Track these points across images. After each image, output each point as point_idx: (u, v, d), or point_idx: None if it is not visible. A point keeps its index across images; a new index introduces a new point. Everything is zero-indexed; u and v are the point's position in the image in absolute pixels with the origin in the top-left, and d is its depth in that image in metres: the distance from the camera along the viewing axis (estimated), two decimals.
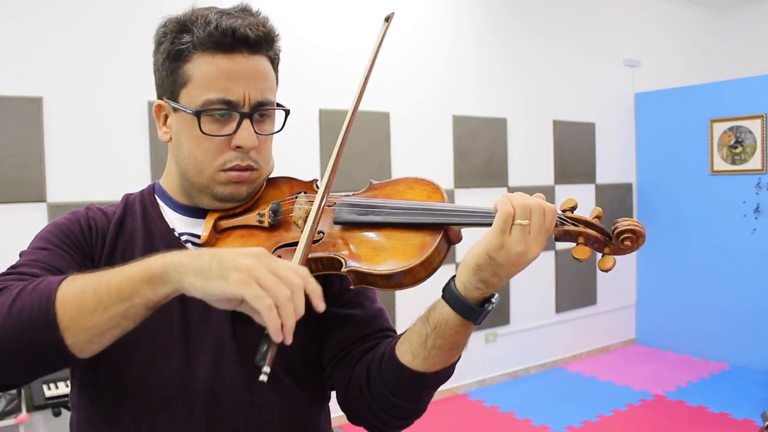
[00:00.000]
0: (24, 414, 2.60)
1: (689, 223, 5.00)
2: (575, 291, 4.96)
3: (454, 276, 0.83)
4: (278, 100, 0.99)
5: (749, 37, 5.95)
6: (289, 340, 0.69)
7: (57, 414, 2.66)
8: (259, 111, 0.93)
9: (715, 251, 4.85)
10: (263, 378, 0.69)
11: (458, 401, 4.15)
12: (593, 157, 5.07)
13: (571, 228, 0.83)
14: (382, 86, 3.85)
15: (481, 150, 4.35)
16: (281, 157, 0.97)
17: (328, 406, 1.06)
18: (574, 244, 0.83)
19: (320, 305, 0.73)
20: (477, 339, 4.38)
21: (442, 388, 0.91)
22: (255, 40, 0.90)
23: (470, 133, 4.30)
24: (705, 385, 4.38)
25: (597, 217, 0.84)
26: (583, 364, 4.90)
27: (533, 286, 4.67)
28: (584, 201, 5.02)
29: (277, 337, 0.69)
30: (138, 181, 1.09)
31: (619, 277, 5.29)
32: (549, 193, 4.75)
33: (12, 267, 0.86)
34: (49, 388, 2.66)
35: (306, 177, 1.03)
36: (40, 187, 2.82)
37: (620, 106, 5.30)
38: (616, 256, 0.82)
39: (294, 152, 3.45)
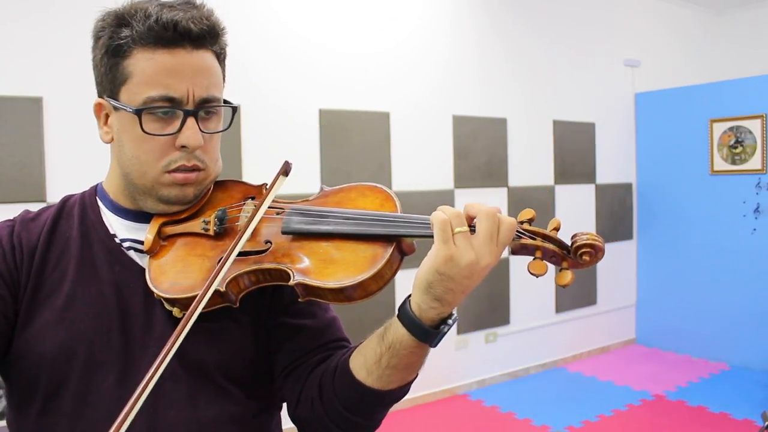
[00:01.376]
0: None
1: (689, 223, 5.00)
2: (575, 291, 4.95)
3: (410, 295, 0.79)
4: (278, 100, 0.97)
5: (749, 37, 5.95)
6: None
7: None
8: (205, 108, 0.87)
9: (715, 251, 4.85)
10: None
11: (458, 401, 4.15)
12: (593, 157, 5.07)
13: (528, 241, 0.78)
14: (382, 86, 3.85)
15: (481, 150, 4.35)
16: (282, 157, 0.96)
17: (279, 415, 1.02)
18: (531, 258, 0.78)
19: None
20: (477, 339, 4.38)
21: (442, 387, 0.90)
22: (198, 34, 0.85)
23: (470, 133, 4.30)
24: (705, 385, 4.38)
25: (555, 229, 0.79)
26: (583, 364, 4.89)
27: (533, 286, 4.67)
28: (584, 201, 5.06)
29: None
30: None
31: (619, 277, 5.30)
32: (549, 193, 4.75)
33: None
34: None
35: (305, 178, 1.01)
36: (40, 187, 2.82)
37: (620, 106, 5.30)
38: (574, 270, 0.78)
39: (294, 152, 3.46)
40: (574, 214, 4.88)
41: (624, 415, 3.86)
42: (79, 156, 2.93)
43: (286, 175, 0.85)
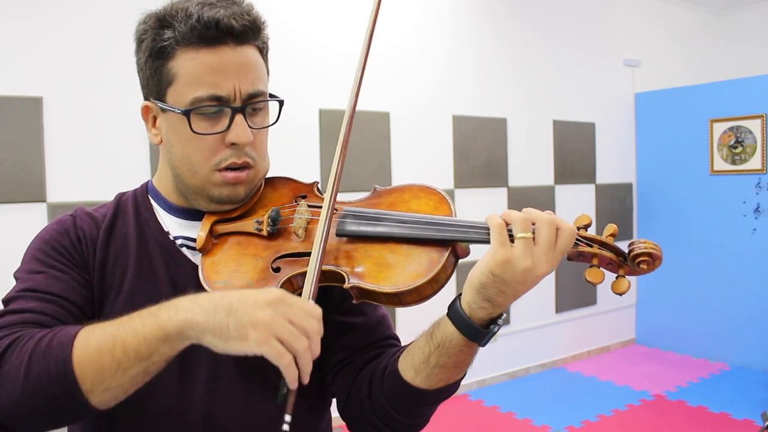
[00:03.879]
0: None
1: (689, 223, 5.00)
2: (575, 291, 4.95)
3: (461, 294, 0.79)
4: (277, 99, 0.97)
5: (749, 37, 5.95)
6: (306, 381, 0.70)
7: None
8: (252, 104, 0.88)
9: (715, 251, 4.85)
10: (286, 428, 0.69)
11: (458, 401, 4.15)
12: (593, 157, 5.07)
13: (586, 249, 0.77)
14: (382, 86, 3.85)
15: (481, 150, 4.35)
16: (282, 158, 0.96)
17: (330, 413, 1.03)
18: (588, 265, 0.78)
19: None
20: None
21: None
22: (241, 30, 0.85)
23: (470, 133, 4.30)
24: (705, 385, 4.38)
25: (611, 235, 0.78)
26: (583, 364, 4.89)
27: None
28: (584, 201, 5.05)
29: (295, 386, 0.70)
30: (138, 181, 1.08)
31: None
32: (549, 193, 4.75)
33: (7, 300, 0.83)
34: None
35: (305, 178, 1.00)
36: (40, 187, 2.81)
37: (620, 106, 5.30)
38: (630, 278, 0.78)
39: (294, 152, 3.46)
40: (574, 214, 4.82)
41: (624, 415, 3.86)
42: (79, 156, 2.93)
43: None
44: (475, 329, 0.77)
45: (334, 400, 1.00)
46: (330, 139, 3.62)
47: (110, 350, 0.71)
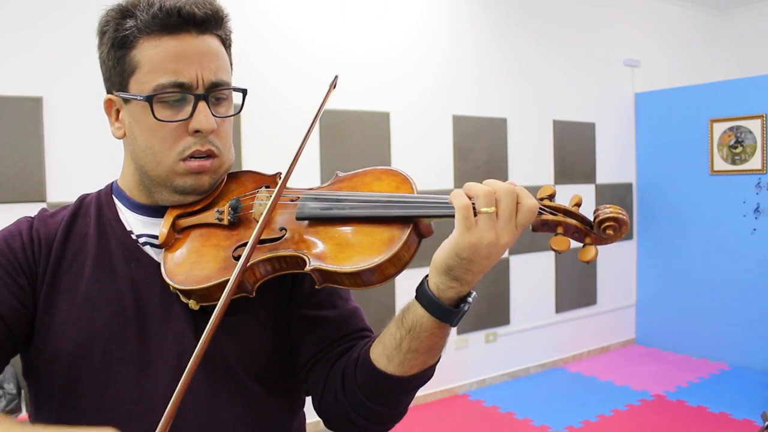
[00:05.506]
0: (24, 414, 2.60)
1: (689, 223, 5.00)
2: (575, 291, 4.96)
3: (428, 275, 0.78)
4: (278, 100, 0.97)
5: (749, 37, 5.95)
6: None
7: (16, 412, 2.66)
8: (215, 92, 0.87)
9: (715, 251, 4.84)
10: None
11: (458, 401, 4.15)
12: (593, 157, 5.07)
13: (550, 217, 0.77)
14: (381, 86, 3.85)
15: (481, 150, 4.35)
16: (281, 157, 0.96)
17: (303, 413, 1.02)
18: (553, 234, 0.77)
19: None
20: (477, 339, 4.38)
21: (442, 387, 0.89)
22: (203, 18, 0.85)
23: (470, 133, 4.30)
24: (705, 385, 4.38)
25: (576, 204, 0.78)
26: (583, 364, 4.89)
27: (533, 286, 4.67)
28: (584, 201, 5.03)
29: None
30: None
31: (619, 277, 5.30)
32: None
33: None
34: None
35: (305, 178, 1.00)
36: (40, 187, 2.81)
37: (620, 106, 5.30)
38: (597, 246, 0.76)
39: (294, 153, 3.45)
40: None
41: (624, 415, 3.86)
42: (79, 156, 2.93)
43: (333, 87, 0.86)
44: (446, 309, 0.76)
45: (308, 400, 0.98)
46: (330, 139, 3.62)
47: None
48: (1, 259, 0.87)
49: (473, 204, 0.74)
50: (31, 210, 0.99)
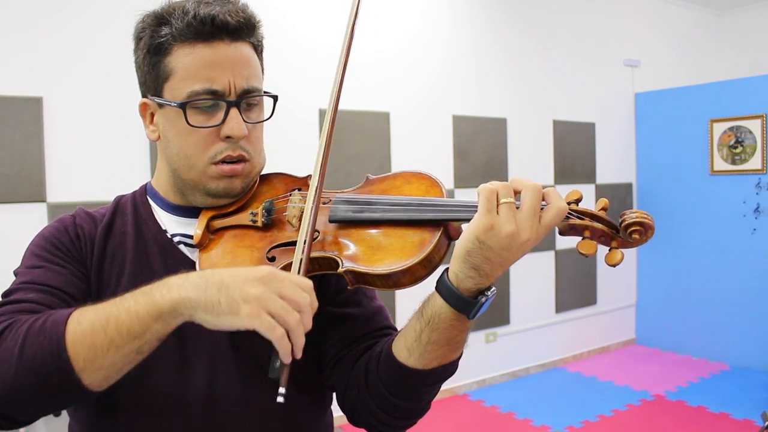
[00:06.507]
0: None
1: (689, 223, 5.00)
2: (575, 291, 4.96)
3: (448, 267, 0.79)
4: (278, 98, 0.98)
5: (749, 37, 5.95)
6: (299, 356, 0.72)
7: (57, 414, 2.66)
8: (246, 99, 0.90)
9: (715, 251, 4.85)
10: (280, 399, 0.70)
11: (458, 401, 4.15)
12: (593, 157, 5.07)
13: (577, 221, 0.78)
14: (381, 86, 3.85)
15: (481, 150, 4.35)
16: (282, 158, 0.96)
17: (331, 410, 1.03)
18: (580, 238, 0.78)
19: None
20: (477, 339, 4.38)
21: (442, 387, 0.89)
22: (236, 27, 0.88)
23: (470, 133, 4.30)
24: (705, 385, 4.38)
25: (603, 209, 0.80)
26: (583, 364, 4.89)
27: (533, 286, 4.67)
28: (585, 201, 5.03)
29: (288, 360, 0.71)
30: (138, 181, 1.08)
31: (619, 277, 5.30)
32: None
33: (7, 293, 0.84)
34: None
35: (303, 175, 1.01)
36: (40, 187, 2.81)
37: (620, 106, 5.30)
38: (623, 250, 0.78)
39: (294, 152, 3.45)
40: None
41: (624, 415, 3.86)
42: (79, 156, 2.93)
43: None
44: (463, 299, 0.77)
45: (334, 396, 0.99)
46: (331, 139, 3.62)
47: (103, 328, 0.71)
48: (60, 248, 0.89)
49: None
50: (31, 210, 1.00)
